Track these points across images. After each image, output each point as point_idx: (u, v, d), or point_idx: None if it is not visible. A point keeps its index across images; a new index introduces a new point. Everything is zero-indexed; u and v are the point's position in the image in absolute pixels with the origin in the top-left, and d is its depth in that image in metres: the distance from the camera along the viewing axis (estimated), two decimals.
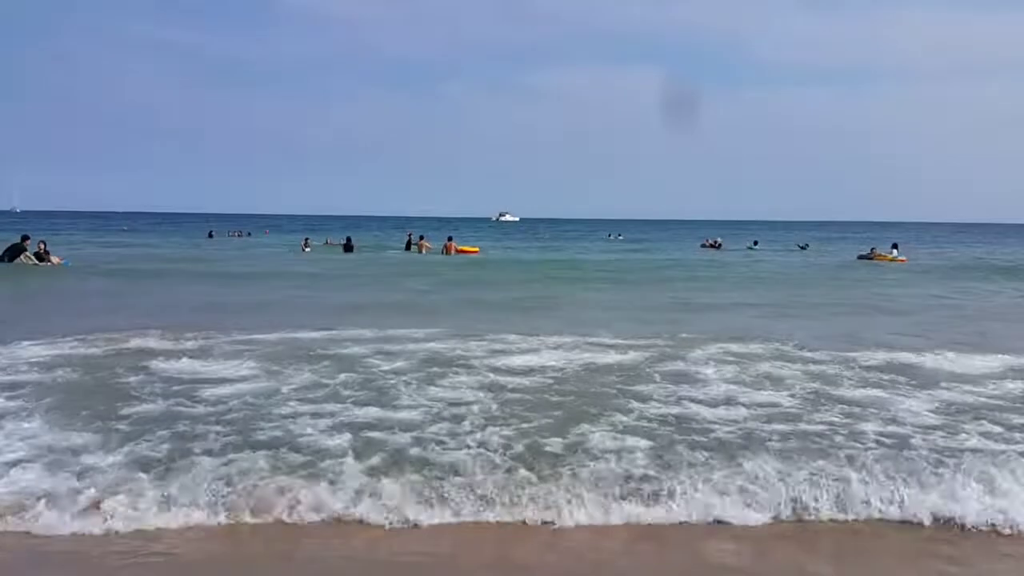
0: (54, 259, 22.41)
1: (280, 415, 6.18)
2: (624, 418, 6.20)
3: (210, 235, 51.66)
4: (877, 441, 5.70)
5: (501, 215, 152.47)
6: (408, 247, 34.83)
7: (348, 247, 34.72)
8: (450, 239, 33.80)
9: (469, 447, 5.43)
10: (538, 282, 20.54)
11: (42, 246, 22.75)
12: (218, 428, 5.81)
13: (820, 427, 6.06)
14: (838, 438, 5.76)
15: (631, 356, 8.72)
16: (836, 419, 6.29)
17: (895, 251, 32.70)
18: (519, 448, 5.42)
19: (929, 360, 8.77)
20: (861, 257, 34.16)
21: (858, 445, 5.58)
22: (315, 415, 6.18)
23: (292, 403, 6.54)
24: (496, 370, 7.89)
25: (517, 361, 8.36)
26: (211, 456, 5.20)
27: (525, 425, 5.97)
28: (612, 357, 8.69)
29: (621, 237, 62.25)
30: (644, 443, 5.55)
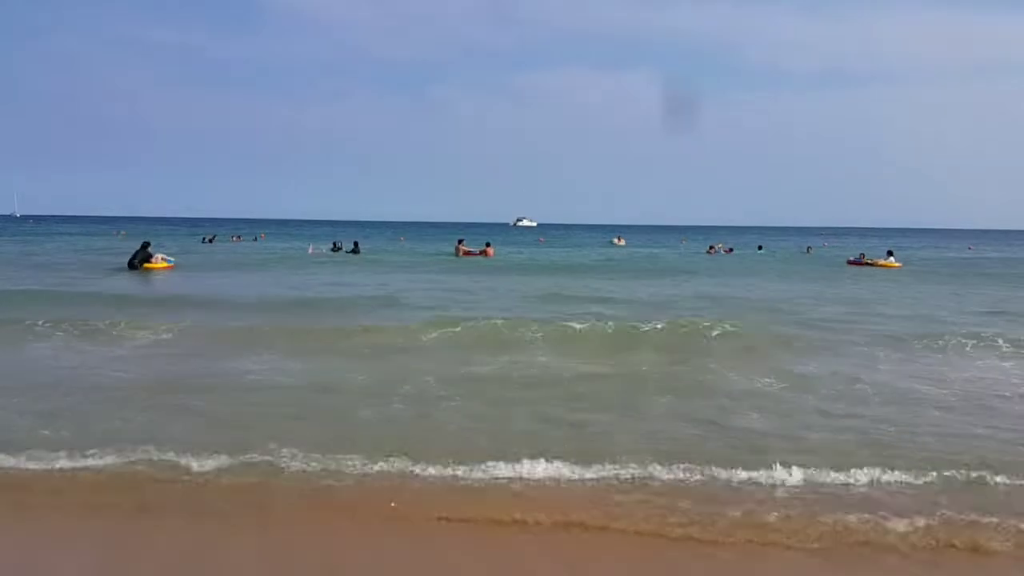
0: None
1: None
2: None
3: (206, 240, 50.87)
4: None
5: (519, 220, 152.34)
6: (457, 252, 38.99)
7: (355, 251, 37.85)
8: (488, 244, 38.62)
9: None
10: None
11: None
12: None
13: None
14: None
15: None
16: None
17: (891, 257, 33.68)
18: None
19: None
20: (851, 263, 34.64)
21: None
22: None
23: None
24: None
25: None
26: None
27: None
28: None
29: (622, 242, 63.24)
30: None
